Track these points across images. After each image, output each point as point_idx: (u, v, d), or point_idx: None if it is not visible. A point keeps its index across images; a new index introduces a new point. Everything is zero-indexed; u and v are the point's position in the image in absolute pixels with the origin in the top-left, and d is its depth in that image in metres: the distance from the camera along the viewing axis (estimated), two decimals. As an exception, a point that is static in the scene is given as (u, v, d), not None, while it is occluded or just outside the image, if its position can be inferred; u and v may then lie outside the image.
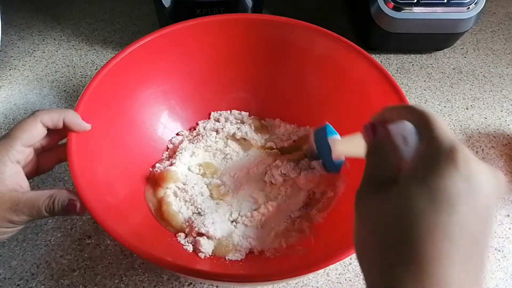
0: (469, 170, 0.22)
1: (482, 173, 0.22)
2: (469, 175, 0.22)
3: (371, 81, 0.46)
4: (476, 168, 0.22)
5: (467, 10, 0.59)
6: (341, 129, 0.50)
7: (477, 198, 0.22)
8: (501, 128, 0.59)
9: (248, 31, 0.50)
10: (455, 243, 0.21)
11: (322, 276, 0.45)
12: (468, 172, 0.22)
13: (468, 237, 0.21)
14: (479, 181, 0.22)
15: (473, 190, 0.22)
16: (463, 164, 0.22)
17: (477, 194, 0.22)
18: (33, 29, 0.68)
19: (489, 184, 0.22)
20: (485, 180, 0.22)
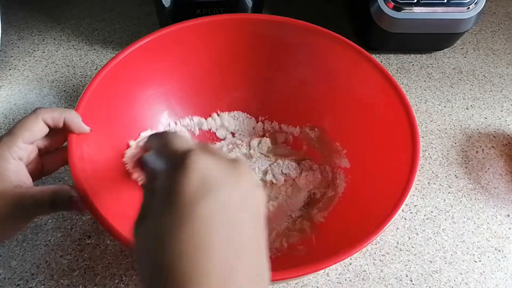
0: (199, 169, 0.22)
1: (215, 167, 0.22)
2: (202, 173, 0.22)
3: (371, 81, 0.46)
4: (207, 165, 0.22)
5: (467, 10, 0.59)
6: (342, 129, 0.50)
7: (217, 193, 0.22)
8: (501, 128, 0.59)
9: (248, 31, 0.50)
10: (207, 249, 0.20)
11: (322, 276, 0.45)
12: (199, 171, 0.22)
13: (223, 235, 0.21)
14: (214, 177, 0.22)
15: (209, 187, 0.22)
16: (192, 165, 0.22)
17: (215, 189, 0.22)
18: (33, 29, 0.68)
19: (227, 177, 0.22)
20: (220, 173, 0.22)
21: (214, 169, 0.22)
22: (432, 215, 0.50)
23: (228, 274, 0.20)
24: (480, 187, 0.53)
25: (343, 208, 0.45)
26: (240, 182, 0.23)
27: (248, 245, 0.22)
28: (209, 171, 0.22)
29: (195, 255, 0.20)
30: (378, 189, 0.42)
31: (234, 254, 0.21)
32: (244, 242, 0.22)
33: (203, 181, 0.22)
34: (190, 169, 0.22)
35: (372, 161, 0.45)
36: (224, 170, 0.23)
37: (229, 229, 0.21)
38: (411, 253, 0.47)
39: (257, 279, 0.22)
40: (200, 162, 0.22)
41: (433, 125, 0.59)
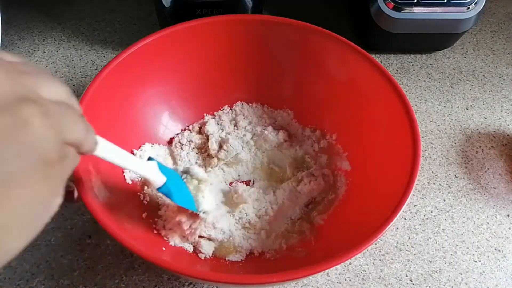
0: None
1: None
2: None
3: (371, 81, 0.46)
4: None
5: (467, 10, 0.59)
6: (341, 129, 0.50)
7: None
8: (501, 128, 0.59)
9: (248, 32, 0.50)
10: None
11: (322, 276, 0.45)
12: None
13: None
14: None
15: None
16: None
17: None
18: (33, 29, 0.68)
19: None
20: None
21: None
22: (432, 215, 0.51)
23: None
24: (480, 187, 0.53)
25: (343, 210, 0.45)
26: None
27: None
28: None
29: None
30: (378, 191, 0.42)
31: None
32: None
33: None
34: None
35: (373, 163, 0.45)
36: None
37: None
38: (411, 253, 0.48)
39: None
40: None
41: (433, 125, 0.59)
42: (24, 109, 0.17)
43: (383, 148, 0.44)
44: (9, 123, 0.16)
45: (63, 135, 0.19)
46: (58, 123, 0.18)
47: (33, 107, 0.17)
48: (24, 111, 0.17)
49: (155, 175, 0.37)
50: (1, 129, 0.16)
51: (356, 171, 0.47)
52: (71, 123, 0.20)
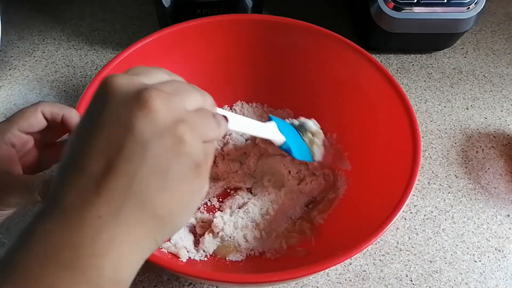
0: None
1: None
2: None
3: (372, 81, 0.46)
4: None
5: (467, 10, 0.59)
6: (342, 128, 0.50)
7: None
8: (501, 128, 0.59)
9: (248, 32, 0.50)
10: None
11: (322, 276, 0.45)
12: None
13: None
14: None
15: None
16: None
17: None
18: (33, 29, 0.67)
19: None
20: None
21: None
22: (432, 215, 0.50)
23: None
24: (480, 187, 0.53)
25: (343, 210, 0.45)
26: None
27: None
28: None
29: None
30: (378, 191, 0.42)
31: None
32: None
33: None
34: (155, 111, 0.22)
35: (373, 163, 0.45)
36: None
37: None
38: (411, 253, 0.47)
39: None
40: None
41: (433, 125, 0.59)
42: (179, 130, 0.23)
43: (384, 148, 0.44)
44: (171, 142, 0.23)
45: (205, 138, 0.25)
46: (201, 131, 0.24)
47: (183, 126, 0.23)
48: (179, 131, 0.23)
49: (277, 136, 0.41)
50: (167, 147, 0.22)
51: (357, 171, 0.47)
52: (208, 128, 0.25)
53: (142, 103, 0.22)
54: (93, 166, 0.22)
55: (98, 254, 0.21)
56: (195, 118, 0.24)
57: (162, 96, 0.23)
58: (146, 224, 0.23)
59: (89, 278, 0.21)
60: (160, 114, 0.22)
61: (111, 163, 0.22)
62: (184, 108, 0.24)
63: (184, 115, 0.24)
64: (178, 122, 0.23)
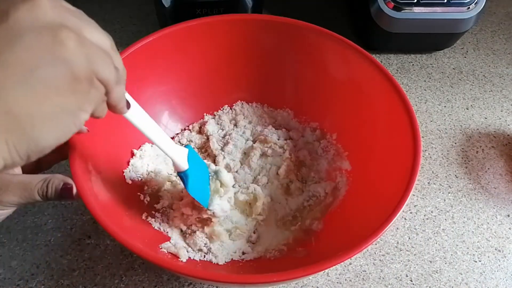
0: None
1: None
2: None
3: (372, 81, 0.46)
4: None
5: (467, 10, 0.59)
6: (342, 128, 0.50)
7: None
8: (501, 128, 0.59)
9: (248, 31, 0.50)
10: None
11: (322, 276, 0.45)
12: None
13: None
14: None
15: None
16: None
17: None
18: (33, 29, 0.67)
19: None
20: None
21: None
22: (432, 215, 0.50)
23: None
24: (480, 187, 0.53)
25: (343, 209, 0.45)
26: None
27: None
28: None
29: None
30: (378, 191, 0.42)
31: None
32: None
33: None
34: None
35: (373, 163, 0.45)
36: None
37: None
38: (411, 253, 0.47)
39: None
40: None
41: (433, 125, 0.59)
42: (63, 33, 0.21)
43: (384, 148, 0.44)
44: (48, 41, 0.21)
45: (93, 67, 0.22)
46: (91, 56, 0.22)
47: (70, 33, 0.22)
48: (63, 34, 0.21)
49: (180, 159, 0.38)
50: (42, 44, 0.21)
51: (357, 171, 0.47)
52: (103, 63, 0.23)
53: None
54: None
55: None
56: (90, 43, 0.23)
57: (56, 2, 0.22)
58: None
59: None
60: (45, 13, 0.21)
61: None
62: (79, 29, 0.23)
63: (76, 28, 0.22)
64: (64, 27, 0.22)
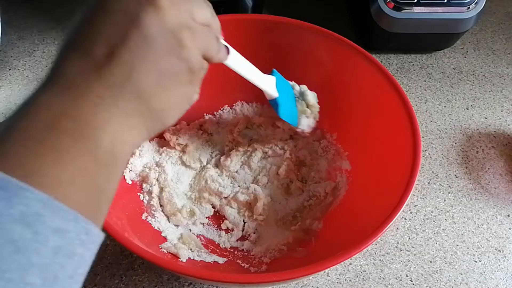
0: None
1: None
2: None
3: (372, 81, 0.46)
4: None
5: (467, 10, 0.59)
6: (342, 128, 0.50)
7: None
8: (501, 128, 0.59)
9: (248, 31, 0.50)
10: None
11: (322, 276, 0.45)
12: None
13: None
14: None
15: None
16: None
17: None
18: (33, 29, 0.67)
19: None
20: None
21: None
22: (432, 215, 0.50)
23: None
24: (480, 187, 0.53)
25: (343, 210, 0.45)
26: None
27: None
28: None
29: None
30: (378, 191, 0.42)
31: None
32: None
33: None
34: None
35: (373, 163, 0.45)
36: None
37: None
38: (411, 253, 0.47)
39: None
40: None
41: (433, 125, 0.59)
42: (183, 34, 0.25)
43: (384, 148, 0.44)
44: (173, 43, 0.24)
45: (203, 52, 0.27)
46: (201, 44, 0.26)
47: (187, 32, 0.25)
48: (183, 35, 0.25)
49: (271, 89, 0.42)
50: (169, 46, 0.24)
51: (357, 171, 0.47)
52: (209, 44, 0.28)
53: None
54: (96, 51, 0.23)
55: (97, 127, 0.22)
56: (199, 30, 0.26)
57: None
58: (141, 114, 0.24)
59: (88, 147, 0.22)
60: (168, 14, 0.24)
61: (114, 51, 0.23)
62: (192, 16, 0.26)
63: (190, 22, 0.25)
64: (183, 26, 0.25)
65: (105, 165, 0.23)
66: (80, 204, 0.21)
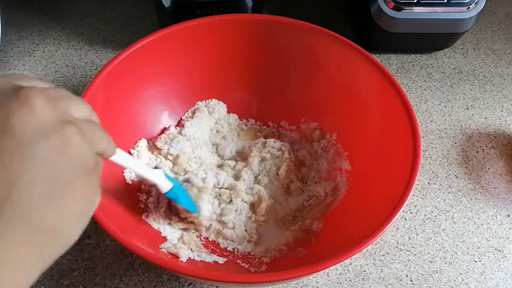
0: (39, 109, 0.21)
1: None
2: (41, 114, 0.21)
3: (372, 81, 0.46)
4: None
5: (467, 10, 0.59)
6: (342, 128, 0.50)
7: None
8: (501, 128, 0.59)
9: (248, 31, 0.50)
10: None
11: (322, 276, 0.45)
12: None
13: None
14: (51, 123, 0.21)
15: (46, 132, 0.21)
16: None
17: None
18: (33, 29, 0.67)
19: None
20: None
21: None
22: (432, 215, 0.50)
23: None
24: (480, 187, 0.53)
25: (343, 210, 0.45)
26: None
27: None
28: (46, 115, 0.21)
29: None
30: (378, 191, 0.42)
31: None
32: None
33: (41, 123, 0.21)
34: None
35: (373, 163, 0.45)
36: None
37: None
38: (411, 253, 0.47)
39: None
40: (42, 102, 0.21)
41: (433, 125, 0.59)
42: (67, 130, 0.21)
43: (384, 147, 0.44)
44: (58, 143, 0.21)
45: (94, 147, 0.24)
46: (90, 138, 0.23)
47: (72, 128, 0.22)
48: (67, 131, 0.21)
49: (162, 181, 0.40)
50: (54, 148, 0.21)
51: (356, 171, 0.47)
52: (98, 137, 0.24)
53: (22, 100, 0.20)
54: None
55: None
56: (83, 124, 0.23)
57: (45, 94, 0.21)
58: (29, 241, 0.20)
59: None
60: (43, 112, 0.20)
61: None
62: (71, 113, 0.23)
63: (71, 118, 0.22)
64: (65, 122, 0.21)
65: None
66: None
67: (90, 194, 0.24)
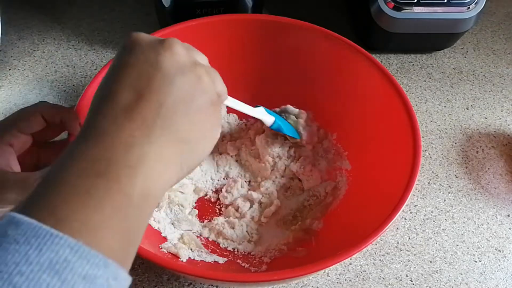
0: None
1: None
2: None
3: (372, 81, 0.46)
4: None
5: (467, 10, 0.59)
6: (342, 128, 0.50)
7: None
8: (501, 128, 0.59)
9: (248, 31, 0.50)
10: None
11: (322, 276, 0.45)
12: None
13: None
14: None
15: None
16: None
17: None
18: (33, 29, 0.67)
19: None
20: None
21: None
22: (432, 215, 0.50)
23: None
24: (480, 187, 0.53)
25: (343, 209, 0.45)
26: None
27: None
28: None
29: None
30: (378, 191, 0.42)
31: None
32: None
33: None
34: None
35: (373, 162, 0.45)
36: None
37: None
38: (411, 253, 0.47)
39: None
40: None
41: (433, 125, 0.59)
42: (198, 70, 0.27)
43: (384, 148, 0.44)
44: (193, 78, 0.27)
45: (216, 87, 0.29)
46: (214, 79, 0.29)
47: (202, 69, 0.28)
48: (198, 70, 0.27)
49: (266, 116, 0.45)
50: (189, 82, 0.27)
51: (357, 171, 0.47)
52: (218, 80, 0.30)
53: (167, 46, 0.27)
54: (124, 98, 0.25)
55: (131, 165, 0.23)
56: (209, 68, 0.29)
57: (182, 44, 0.28)
58: (173, 146, 0.26)
59: (121, 187, 0.22)
60: (182, 56, 0.27)
61: (141, 94, 0.25)
62: (198, 60, 0.29)
63: (199, 62, 0.28)
64: (197, 64, 0.28)
65: (137, 206, 0.23)
66: (110, 247, 0.21)
67: (215, 121, 0.30)
